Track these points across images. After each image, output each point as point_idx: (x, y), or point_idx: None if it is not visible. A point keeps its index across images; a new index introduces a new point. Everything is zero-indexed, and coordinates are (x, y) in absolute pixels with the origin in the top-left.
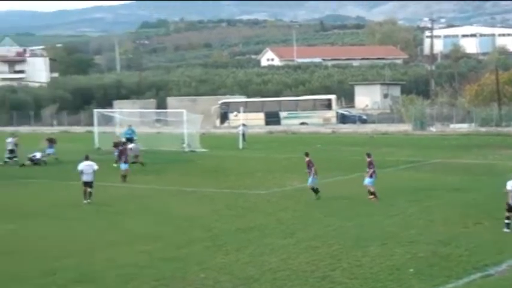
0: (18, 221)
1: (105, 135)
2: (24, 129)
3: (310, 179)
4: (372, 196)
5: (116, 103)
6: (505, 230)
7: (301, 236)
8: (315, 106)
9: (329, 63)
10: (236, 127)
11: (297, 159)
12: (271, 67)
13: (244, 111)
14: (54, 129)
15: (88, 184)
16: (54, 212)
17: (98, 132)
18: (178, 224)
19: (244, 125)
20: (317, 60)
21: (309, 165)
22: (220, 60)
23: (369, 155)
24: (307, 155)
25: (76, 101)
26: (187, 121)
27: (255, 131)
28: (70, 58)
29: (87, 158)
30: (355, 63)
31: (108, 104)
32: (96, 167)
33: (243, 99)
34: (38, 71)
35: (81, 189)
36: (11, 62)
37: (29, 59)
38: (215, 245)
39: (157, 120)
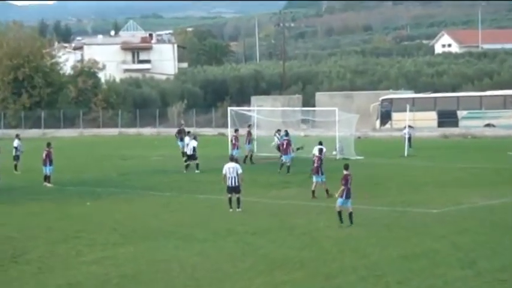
0: (139, 242)
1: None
2: (147, 130)
3: None
4: None
5: (254, 99)
6: None
7: (485, 267)
8: (505, 104)
9: None
10: (401, 129)
11: (479, 170)
12: (447, 55)
13: (412, 110)
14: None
15: (233, 189)
16: (180, 232)
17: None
18: (326, 247)
19: (410, 126)
20: (509, 46)
21: None
22: (382, 47)
23: None
24: None
25: (207, 96)
26: (340, 122)
27: (424, 135)
28: (202, 45)
29: (232, 159)
30: None
31: (245, 101)
32: (240, 170)
33: (410, 94)
34: (165, 61)
35: (225, 196)
36: (134, 50)
37: (156, 46)
38: (372, 275)
39: (303, 121)
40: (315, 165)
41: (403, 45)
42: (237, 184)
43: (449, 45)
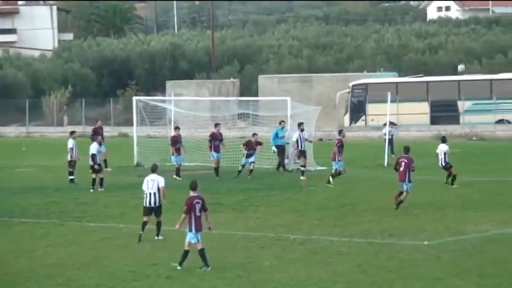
0: None
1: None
2: (11, 130)
3: None
4: None
5: (171, 86)
6: None
7: None
8: None
9: None
10: (379, 128)
11: (489, 185)
12: (444, 22)
13: (394, 100)
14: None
15: (151, 211)
16: (61, 276)
17: (136, 136)
18: None
19: (392, 124)
20: None
21: None
22: (353, 11)
23: None
24: None
25: (103, 82)
26: (294, 117)
27: (412, 135)
28: (94, 7)
29: (154, 170)
30: None
31: (158, 88)
32: (162, 183)
33: (392, 78)
34: (40, 30)
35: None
36: None
37: (24, 9)
38: None
39: (241, 116)
40: None
41: (382, 8)
42: (157, 204)
43: (448, 9)
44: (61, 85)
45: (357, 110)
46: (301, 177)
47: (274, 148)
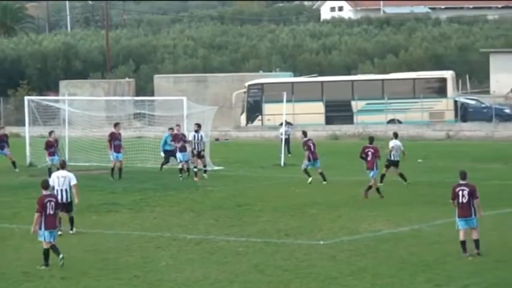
0: None
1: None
2: None
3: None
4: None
5: (65, 85)
6: None
7: None
8: (415, 91)
9: (442, 16)
10: (275, 127)
11: (384, 186)
12: (338, 22)
13: (290, 100)
14: None
15: (64, 207)
16: None
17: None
18: None
19: (289, 123)
20: (421, 10)
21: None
22: (248, 10)
23: None
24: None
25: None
26: (190, 116)
27: (308, 134)
28: None
29: (63, 166)
30: (491, 15)
31: (51, 87)
32: (74, 181)
33: (287, 78)
34: None
35: None
36: None
37: None
38: None
39: (137, 116)
40: None
41: (276, 8)
42: (69, 200)
43: (341, 9)
44: None
45: (253, 110)
46: (195, 178)
47: (162, 153)
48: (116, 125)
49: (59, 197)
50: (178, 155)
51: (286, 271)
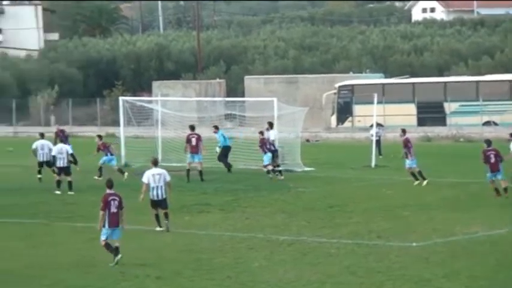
0: None
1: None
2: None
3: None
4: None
5: (157, 86)
6: None
7: None
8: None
9: None
10: (366, 129)
11: (478, 187)
12: (430, 23)
13: (381, 102)
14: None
15: (160, 203)
16: (48, 277)
17: (124, 136)
18: None
19: (379, 125)
20: None
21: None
22: (339, 11)
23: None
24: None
25: (89, 82)
26: (280, 117)
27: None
28: (79, 7)
29: (155, 163)
30: None
31: (144, 88)
32: (168, 177)
33: (378, 80)
34: (25, 30)
35: (150, 212)
36: None
37: (9, 9)
38: None
39: (228, 116)
40: None
41: (367, 9)
42: (164, 196)
43: (433, 10)
44: (47, 85)
45: (344, 111)
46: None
47: (217, 149)
48: (192, 127)
49: (154, 193)
50: (264, 157)
51: (378, 273)
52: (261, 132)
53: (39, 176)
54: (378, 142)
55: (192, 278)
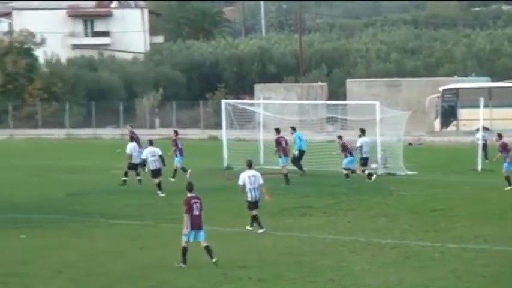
0: None
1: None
2: (106, 132)
3: None
4: None
5: (259, 89)
6: None
7: None
8: None
9: None
10: (472, 133)
11: None
12: None
13: (487, 106)
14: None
15: (256, 204)
16: (154, 277)
17: (226, 139)
18: None
19: (486, 129)
20: None
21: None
22: (443, 14)
23: None
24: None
25: (193, 84)
26: (383, 121)
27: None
28: (184, 10)
29: (250, 166)
30: None
31: (246, 91)
32: (261, 180)
33: (484, 83)
34: (132, 33)
35: (249, 212)
36: (87, 18)
37: (117, 12)
38: None
39: (329, 120)
40: None
41: (472, 12)
42: (258, 198)
43: None
44: (153, 88)
45: (448, 115)
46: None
47: (296, 152)
48: (278, 130)
49: (252, 194)
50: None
51: (484, 277)
52: (340, 137)
53: (138, 178)
54: (485, 146)
55: (293, 280)
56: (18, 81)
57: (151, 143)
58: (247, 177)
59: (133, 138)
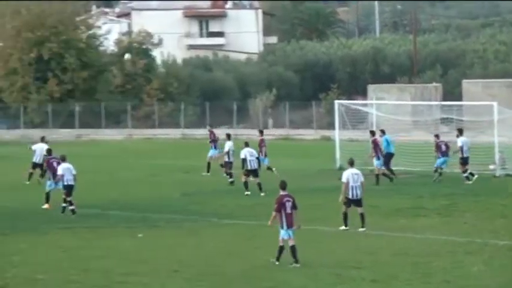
0: None
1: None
2: (220, 132)
3: None
4: None
5: (372, 89)
6: None
7: None
8: None
9: None
10: None
11: None
12: None
13: None
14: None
15: (357, 202)
16: (271, 277)
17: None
18: None
19: None
20: None
21: None
22: None
23: None
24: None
25: (305, 85)
26: (501, 122)
27: None
28: (298, 11)
29: (352, 164)
30: None
31: (359, 91)
32: (363, 178)
33: None
34: (246, 34)
35: (342, 209)
36: (203, 18)
37: (232, 13)
38: None
39: (444, 120)
40: None
41: None
42: (360, 196)
43: None
44: (266, 88)
45: None
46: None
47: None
48: (373, 132)
49: (354, 192)
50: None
51: None
52: (437, 136)
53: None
54: None
55: (408, 281)
56: (136, 81)
57: (247, 144)
58: (351, 175)
59: (213, 139)
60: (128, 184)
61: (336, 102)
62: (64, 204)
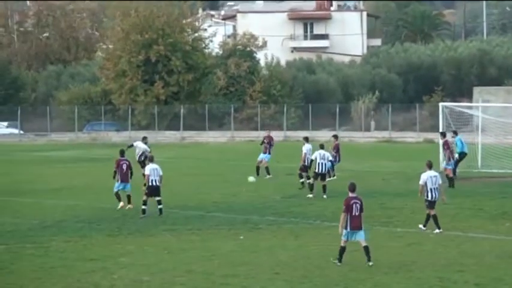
0: None
1: None
2: (322, 134)
3: None
4: None
5: (478, 92)
6: None
7: None
8: None
9: None
10: None
11: None
12: None
13: None
14: (373, 138)
15: (434, 205)
16: (372, 280)
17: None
18: None
19: None
20: None
21: None
22: None
23: None
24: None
25: (409, 87)
26: None
27: None
28: (402, 13)
29: (430, 166)
30: None
31: (464, 94)
32: (440, 180)
33: None
34: (350, 36)
35: (426, 211)
36: (307, 21)
37: (336, 15)
38: None
39: None
40: None
41: None
42: (437, 198)
43: None
44: (368, 90)
45: None
46: None
47: (456, 156)
48: (443, 134)
49: (430, 195)
50: None
51: None
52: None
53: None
54: None
55: None
56: (240, 84)
57: (322, 146)
58: (429, 178)
59: (267, 142)
60: (230, 186)
61: (441, 104)
62: (144, 207)
